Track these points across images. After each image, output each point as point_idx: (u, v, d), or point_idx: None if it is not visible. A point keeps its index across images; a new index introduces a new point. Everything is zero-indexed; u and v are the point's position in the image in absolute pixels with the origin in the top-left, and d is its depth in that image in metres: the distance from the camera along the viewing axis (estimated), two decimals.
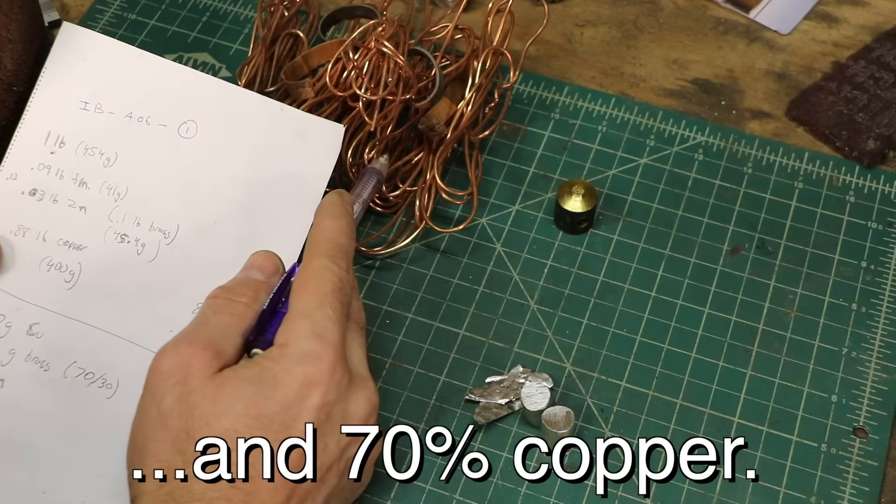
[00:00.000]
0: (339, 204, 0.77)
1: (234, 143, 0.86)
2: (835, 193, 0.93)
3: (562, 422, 0.79)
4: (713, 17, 1.05)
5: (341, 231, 0.75)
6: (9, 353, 0.82)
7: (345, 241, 0.75)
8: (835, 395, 0.83)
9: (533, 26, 0.98)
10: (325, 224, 0.76)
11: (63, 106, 0.87)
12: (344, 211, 0.77)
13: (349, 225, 0.77)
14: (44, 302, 0.84)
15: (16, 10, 0.88)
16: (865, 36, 1.03)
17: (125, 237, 0.85)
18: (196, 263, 0.85)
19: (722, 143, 0.96)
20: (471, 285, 0.89)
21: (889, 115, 0.96)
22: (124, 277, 0.85)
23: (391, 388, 0.84)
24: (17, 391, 0.81)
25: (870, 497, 0.79)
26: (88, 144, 0.87)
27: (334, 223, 0.76)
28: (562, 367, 0.84)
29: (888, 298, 0.87)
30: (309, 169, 0.85)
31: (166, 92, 0.87)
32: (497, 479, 0.80)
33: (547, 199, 0.93)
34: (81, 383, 0.82)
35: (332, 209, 0.77)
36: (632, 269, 0.89)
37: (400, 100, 0.87)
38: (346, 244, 0.75)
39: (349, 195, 0.80)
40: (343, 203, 0.78)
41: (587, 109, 0.98)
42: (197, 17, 1.05)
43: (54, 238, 0.85)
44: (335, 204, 0.77)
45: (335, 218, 0.76)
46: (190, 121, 0.86)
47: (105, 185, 0.86)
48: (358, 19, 1.00)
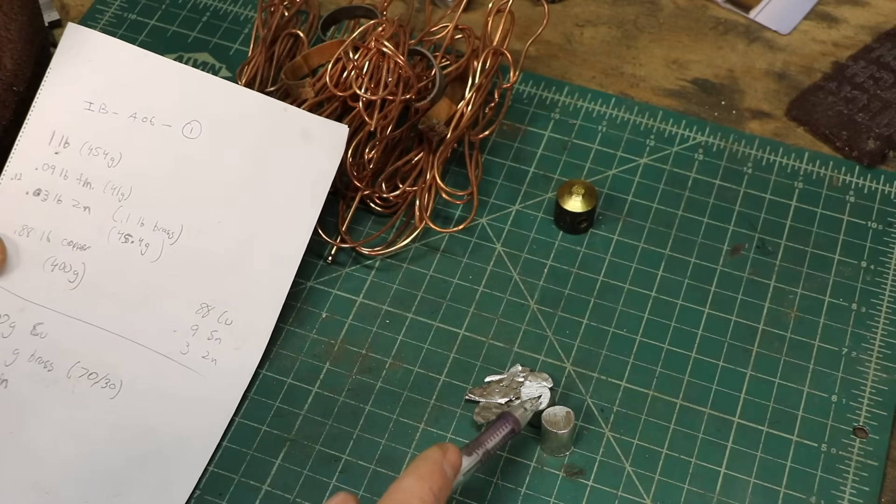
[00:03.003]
0: (434, 463, 0.69)
1: (238, 144, 0.86)
2: (835, 193, 0.93)
3: (562, 422, 0.80)
4: (713, 17, 1.05)
5: (419, 496, 0.67)
6: (12, 353, 0.83)
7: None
8: (835, 395, 0.83)
9: (533, 26, 0.99)
10: (405, 483, 0.67)
11: (68, 106, 0.87)
12: (435, 472, 0.68)
13: (433, 490, 0.67)
14: (47, 302, 0.84)
15: (16, 10, 0.88)
16: (865, 36, 1.03)
17: (129, 237, 0.85)
18: (200, 263, 0.85)
19: (722, 143, 0.96)
20: (471, 285, 0.89)
21: (889, 115, 0.96)
22: (128, 277, 0.85)
23: (391, 387, 0.84)
24: (21, 391, 0.81)
25: (870, 497, 0.79)
26: (93, 145, 0.87)
27: (416, 484, 0.67)
28: (562, 367, 0.85)
29: (888, 298, 0.87)
30: (313, 169, 0.86)
31: (170, 92, 0.87)
32: (497, 479, 0.80)
33: (547, 199, 0.93)
34: (85, 383, 0.82)
35: (421, 467, 0.68)
36: (632, 269, 0.89)
37: (400, 100, 0.87)
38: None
39: (455, 454, 0.71)
40: (440, 463, 0.69)
41: (587, 109, 0.99)
42: (197, 17, 1.05)
43: (58, 238, 0.86)
44: (429, 462, 0.69)
45: (420, 479, 0.67)
46: (194, 121, 0.87)
47: (109, 186, 0.86)
48: (358, 19, 1.00)
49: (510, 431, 0.76)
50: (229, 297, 0.85)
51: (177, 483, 0.79)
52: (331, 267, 0.90)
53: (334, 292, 0.88)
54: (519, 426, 0.77)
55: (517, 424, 0.77)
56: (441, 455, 0.69)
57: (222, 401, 0.82)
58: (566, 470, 0.80)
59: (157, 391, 0.82)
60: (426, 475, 0.68)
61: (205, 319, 0.84)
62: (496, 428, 0.76)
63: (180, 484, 0.79)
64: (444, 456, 0.69)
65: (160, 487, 0.78)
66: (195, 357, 0.83)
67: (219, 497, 0.79)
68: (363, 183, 0.89)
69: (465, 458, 0.72)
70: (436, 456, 0.69)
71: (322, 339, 0.86)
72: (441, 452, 0.70)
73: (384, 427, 0.82)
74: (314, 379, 0.84)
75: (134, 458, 0.79)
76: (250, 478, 0.80)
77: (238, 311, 0.84)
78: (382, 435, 0.81)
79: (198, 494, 0.79)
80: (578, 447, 0.81)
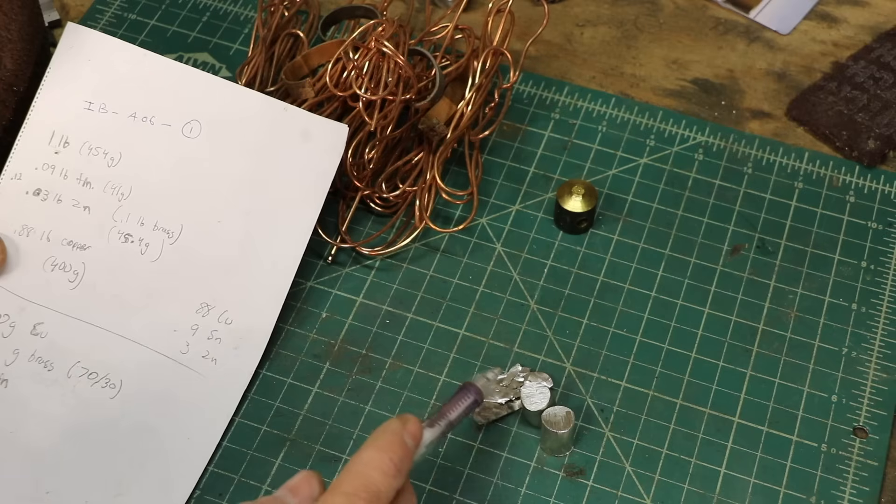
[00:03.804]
0: (393, 434, 0.68)
1: (237, 143, 0.86)
2: (835, 193, 0.93)
3: (562, 422, 0.79)
4: (713, 17, 1.05)
5: (378, 467, 0.66)
6: (13, 353, 0.83)
7: (378, 478, 0.66)
8: (835, 395, 0.83)
9: (533, 26, 0.99)
10: (364, 455, 0.67)
11: (67, 106, 0.87)
12: (394, 443, 0.68)
13: (393, 461, 0.67)
14: (48, 302, 0.84)
15: (16, 10, 0.88)
16: (865, 36, 1.03)
17: (129, 237, 0.85)
18: (200, 263, 0.85)
19: (722, 143, 0.96)
20: (471, 285, 0.89)
21: (889, 115, 0.96)
22: (128, 277, 0.85)
23: (391, 387, 0.84)
24: (21, 391, 0.81)
25: (870, 497, 0.79)
26: (93, 144, 0.87)
27: (375, 456, 0.67)
28: (562, 367, 0.85)
29: (888, 298, 0.87)
30: (313, 169, 0.86)
31: (170, 92, 0.87)
32: (497, 479, 0.80)
33: (547, 199, 0.93)
34: (85, 383, 0.82)
35: (381, 439, 0.68)
36: (632, 269, 0.89)
37: (400, 100, 0.87)
38: (379, 482, 0.66)
39: (415, 424, 0.70)
40: (399, 434, 0.68)
41: (587, 109, 0.99)
42: (197, 17, 1.05)
43: (58, 238, 0.86)
44: (388, 433, 0.68)
45: (379, 450, 0.67)
46: (194, 120, 0.87)
47: (109, 185, 0.86)
48: (358, 19, 1.00)
49: (473, 402, 0.74)
50: (229, 296, 0.85)
51: (177, 483, 0.79)
52: (331, 267, 0.90)
53: (334, 292, 0.88)
54: (482, 396, 0.75)
55: (480, 395, 0.75)
56: (401, 426, 0.69)
57: (222, 400, 0.82)
58: (566, 470, 0.80)
59: (157, 391, 0.82)
60: (386, 446, 0.67)
61: (205, 319, 0.84)
62: (458, 398, 0.74)
63: (180, 484, 0.79)
64: (404, 427, 0.69)
65: (160, 487, 0.78)
66: (195, 357, 0.83)
67: (219, 497, 0.79)
68: (363, 183, 0.89)
69: (428, 430, 0.71)
70: (395, 427, 0.69)
71: (322, 339, 0.86)
72: (401, 423, 0.69)
73: None
74: (314, 379, 0.84)
75: (134, 458, 0.79)
76: (250, 478, 0.80)
77: (238, 310, 0.84)
78: None
79: (198, 494, 0.79)
80: (578, 447, 0.81)
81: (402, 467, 0.67)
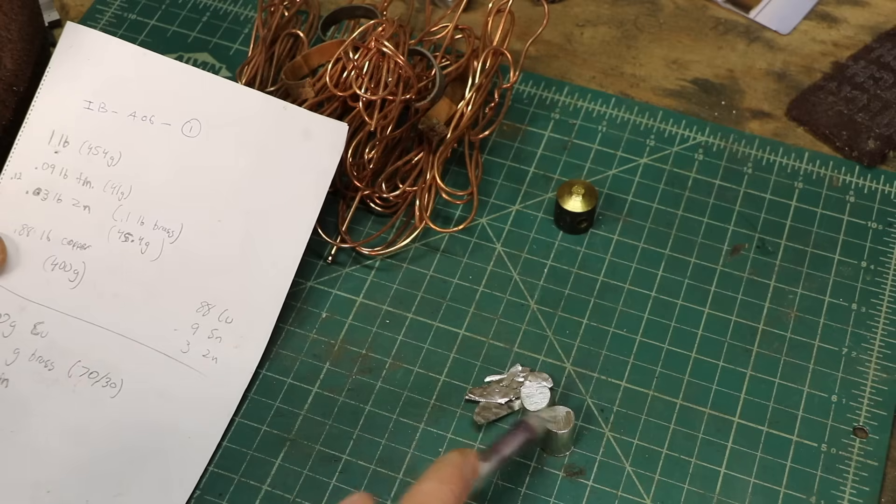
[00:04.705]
0: (455, 466, 0.69)
1: (237, 142, 0.86)
2: (835, 193, 0.93)
3: (562, 422, 0.80)
4: (713, 17, 1.05)
5: (440, 498, 0.67)
6: (13, 352, 0.83)
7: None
8: (835, 395, 0.83)
9: (533, 26, 0.99)
10: (426, 486, 0.67)
11: (67, 105, 0.87)
12: (455, 476, 0.68)
13: (454, 493, 0.67)
14: (48, 301, 0.84)
15: (16, 10, 0.88)
16: (865, 36, 1.03)
17: (129, 236, 0.85)
18: (200, 262, 0.85)
19: (722, 143, 0.96)
20: (471, 285, 0.89)
21: (889, 115, 0.96)
22: (128, 276, 0.85)
23: (391, 387, 0.84)
24: (22, 390, 0.81)
25: (870, 497, 0.79)
26: (92, 144, 0.87)
27: (437, 488, 0.67)
28: (562, 367, 0.85)
29: (888, 298, 0.87)
30: (313, 167, 0.86)
31: (170, 91, 0.87)
32: (497, 479, 0.80)
33: (547, 199, 0.93)
34: (85, 382, 0.82)
35: (442, 470, 0.68)
36: (632, 269, 0.89)
37: (400, 100, 0.87)
38: None
39: (475, 458, 0.71)
40: (460, 466, 0.69)
41: (587, 109, 0.99)
42: (197, 17, 1.05)
43: (58, 237, 0.86)
44: (450, 465, 0.69)
45: (441, 482, 0.67)
46: (194, 120, 0.87)
47: (109, 185, 0.86)
48: (358, 19, 1.00)
49: (526, 440, 0.76)
50: (229, 295, 0.85)
51: (177, 483, 0.79)
52: (331, 267, 0.90)
53: (334, 292, 0.88)
54: (535, 434, 0.77)
55: (533, 433, 0.77)
56: (462, 459, 0.69)
57: (223, 399, 0.82)
58: (566, 470, 0.80)
59: (157, 390, 0.82)
60: (447, 479, 0.68)
61: (205, 318, 0.84)
62: (513, 435, 0.76)
63: (180, 484, 0.79)
64: (464, 460, 0.70)
65: (160, 487, 0.78)
66: (196, 356, 0.83)
67: (219, 497, 0.79)
68: (363, 183, 0.89)
69: (483, 464, 0.72)
70: (456, 460, 0.69)
71: (322, 339, 0.86)
72: (462, 456, 0.70)
73: (384, 427, 0.82)
74: (314, 379, 0.84)
75: (134, 458, 0.79)
76: (250, 478, 0.80)
77: (238, 309, 0.84)
78: (382, 435, 0.81)
79: (198, 494, 0.79)
80: (578, 447, 0.81)
81: (460, 500, 0.68)
